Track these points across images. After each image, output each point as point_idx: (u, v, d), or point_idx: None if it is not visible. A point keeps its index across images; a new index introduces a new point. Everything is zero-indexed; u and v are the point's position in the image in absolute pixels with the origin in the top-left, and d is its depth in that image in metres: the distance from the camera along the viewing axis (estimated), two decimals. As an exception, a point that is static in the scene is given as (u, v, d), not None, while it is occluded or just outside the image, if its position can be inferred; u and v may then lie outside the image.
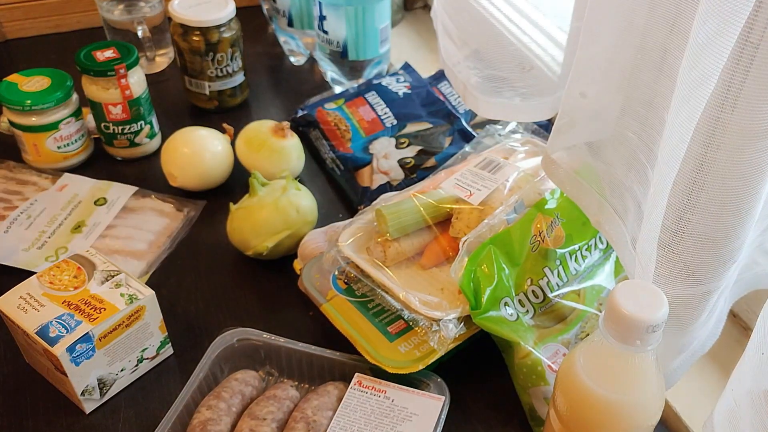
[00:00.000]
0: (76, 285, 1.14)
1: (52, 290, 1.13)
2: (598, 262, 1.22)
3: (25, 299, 1.12)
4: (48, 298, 1.12)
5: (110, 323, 1.10)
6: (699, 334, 1.00)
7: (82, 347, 1.08)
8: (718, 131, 0.81)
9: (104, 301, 1.12)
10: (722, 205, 0.85)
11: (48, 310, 1.11)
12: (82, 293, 1.13)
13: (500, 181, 1.24)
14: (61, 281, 1.15)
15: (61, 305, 1.11)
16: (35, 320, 1.09)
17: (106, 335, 1.10)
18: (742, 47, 0.76)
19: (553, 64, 1.46)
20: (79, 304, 1.11)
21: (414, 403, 1.07)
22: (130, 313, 1.12)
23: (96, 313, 1.10)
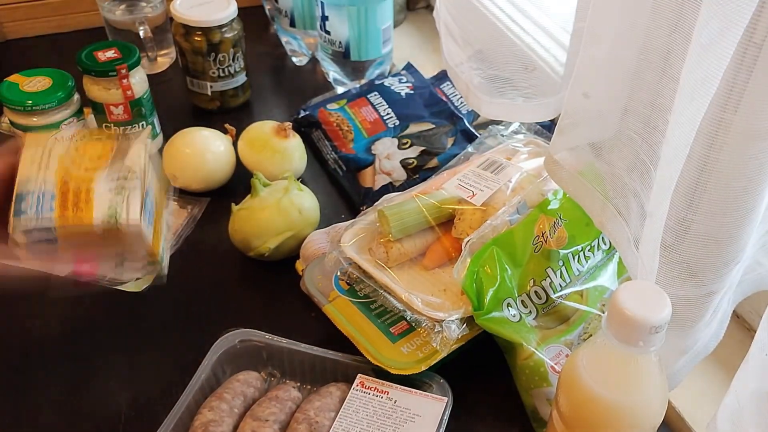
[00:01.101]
0: (89, 166, 1.02)
1: (70, 155, 1.02)
2: (601, 262, 1.22)
3: (45, 151, 1.02)
4: (56, 163, 1.01)
5: (77, 230, 1.00)
6: (702, 335, 1.00)
7: (41, 235, 0.99)
8: (721, 132, 0.81)
9: (90, 202, 0.99)
10: (725, 206, 0.85)
11: (45, 175, 1.00)
12: (84, 179, 1.01)
13: (503, 181, 1.24)
14: (85, 152, 1.04)
15: (57, 179, 1.00)
16: (26, 179, 0.99)
17: (71, 237, 1.00)
18: (745, 48, 0.75)
19: (556, 65, 1.46)
20: (71, 189, 1.00)
21: (416, 404, 1.07)
22: (102, 230, 1.00)
23: (73, 211, 0.99)
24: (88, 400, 1.16)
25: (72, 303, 1.31)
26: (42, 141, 1.00)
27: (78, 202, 0.95)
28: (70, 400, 1.16)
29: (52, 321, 1.28)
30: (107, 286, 1.32)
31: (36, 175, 0.96)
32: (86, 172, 0.98)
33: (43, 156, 0.98)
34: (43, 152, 0.98)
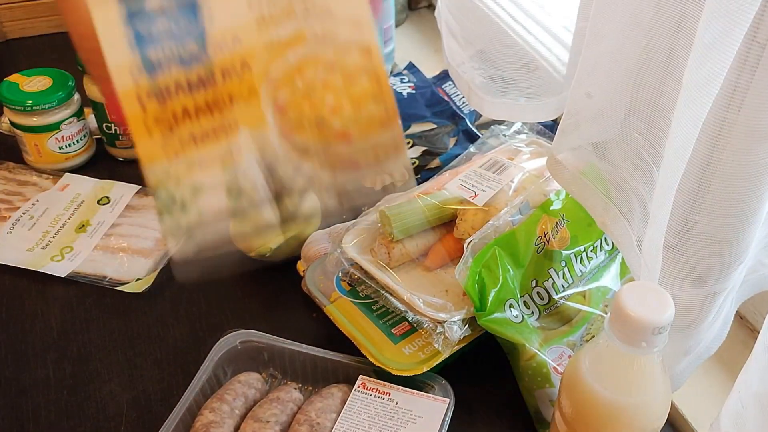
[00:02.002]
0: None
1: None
2: (604, 263, 1.21)
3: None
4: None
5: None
6: (705, 336, 0.99)
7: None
8: (725, 132, 0.81)
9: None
10: (728, 206, 0.85)
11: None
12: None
13: (505, 182, 1.23)
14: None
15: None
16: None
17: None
18: (749, 47, 0.75)
19: (559, 65, 1.46)
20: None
21: (418, 406, 1.07)
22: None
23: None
24: (88, 401, 1.16)
25: (72, 303, 1.31)
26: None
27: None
28: (70, 401, 1.16)
29: (52, 321, 1.27)
30: (108, 286, 1.32)
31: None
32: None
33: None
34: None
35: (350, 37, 0.57)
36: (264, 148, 0.56)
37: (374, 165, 0.57)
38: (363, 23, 0.56)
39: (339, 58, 0.57)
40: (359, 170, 0.57)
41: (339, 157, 0.57)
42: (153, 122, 0.54)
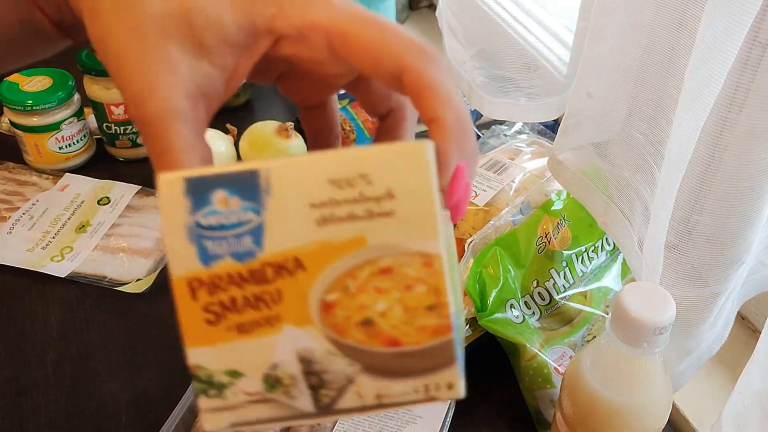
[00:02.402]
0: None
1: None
2: (605, 263, 1.21)
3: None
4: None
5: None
6: (707, 337, 0.99)
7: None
8: (726, 132, 0.81)
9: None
10: (730, 207, 0.85)
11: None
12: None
13: (506, 182, 1.23)
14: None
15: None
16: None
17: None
18: (750, 47, 0.75)
19: (560, 64, 1.45)
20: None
21: (419, 406, 1.06)
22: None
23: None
24: (88, 401, 1.16)
25: (72, 304, 1.31)
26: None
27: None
28: (70, 401, 1.16)
29: (52, 322, 1.27)
30: (108, 286, 1.32)
31: None
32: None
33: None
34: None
35: (413, 246, 0.55)
36: (305, 344, 0.56)
37: (420, 375, 0.57)
38: (428, 231, 0.55)
39: (397, 264, 0.56)
40: (403, 377, 0.56)
41: (382, 362, 0.57)
42: (201, 310, 0.56)
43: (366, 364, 0.56)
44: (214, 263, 0.55)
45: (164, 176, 0.54)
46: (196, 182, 0.54)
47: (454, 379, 0.56)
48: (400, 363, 0.56)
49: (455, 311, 0.57)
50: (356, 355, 0.56)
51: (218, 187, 0.55)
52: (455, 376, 0.56)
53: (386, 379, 0.56)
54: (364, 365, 0.56)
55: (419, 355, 0.56)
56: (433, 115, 0.55)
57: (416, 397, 0.56)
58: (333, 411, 0.57)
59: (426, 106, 0.56)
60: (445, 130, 0.55)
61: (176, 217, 0.55)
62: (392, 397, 0.56)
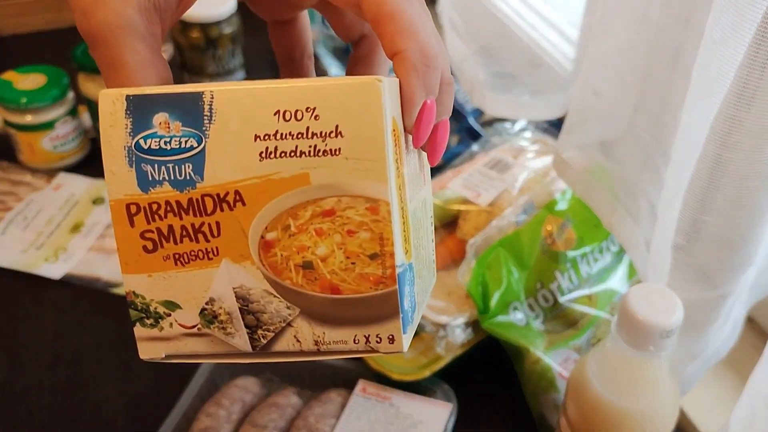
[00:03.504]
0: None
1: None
2: (611, 265, 1.20)
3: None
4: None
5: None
6: (714, 340, 0.99)
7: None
8: (734, 130, 0.80)
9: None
10: (739, 207, 0.84)
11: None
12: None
13: (509, 181, 1.22)
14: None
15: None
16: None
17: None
18: (759, 43, 0.74)
19: (564, 61, 1.45)
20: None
21: (420, 411, 1.06)
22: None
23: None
24: (83, 405, 1.15)
25: (67, 305, 1.30)
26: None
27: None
28: (65, 405, 1.15)
29: (46, 324, 1.26)
30: (102, 288, 1.31)
31: None
32: None
33: None
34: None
35: (358, 187, 0.54)
36: (243, 281, 0.56)
37: (359, 324, 0.55)
38: (377, 173, 0.53)
39: (341, 207, 0.55)
40: (342, 325, 0.55)
41: (321, 308, 0.56)
42: (138, 236, 0.55)
43: (304, 309, 0.56)
44: (153, 190, 0.54)
45: (105, 92, 0.53)
46: (138, 101, 0.53)
47: (396, 332, 0.55)
48: (339, 311, 0.56)
49: (411, 263, 0.57)
50: (294, 298, 0.56)
51: (160, 108, 0.53)
52: (397, 329, 0.55)
53: (325, 325, 0.56)
54: (302, 309, 0.56)
55: (359, 304, 0.56)
56: (395, 48, 0.51)
57: (355, 347, 0.56)
58: (269, 353, 0.57)
59: (386, 37, 0.52)
60: (407, 63, 0.51)
61: (116, 137, 0.54)
62: (330, 345, 0.56)
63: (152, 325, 0.57)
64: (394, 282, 0.55)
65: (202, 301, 0.55)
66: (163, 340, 0.57)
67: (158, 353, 0.58)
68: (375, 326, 0.56)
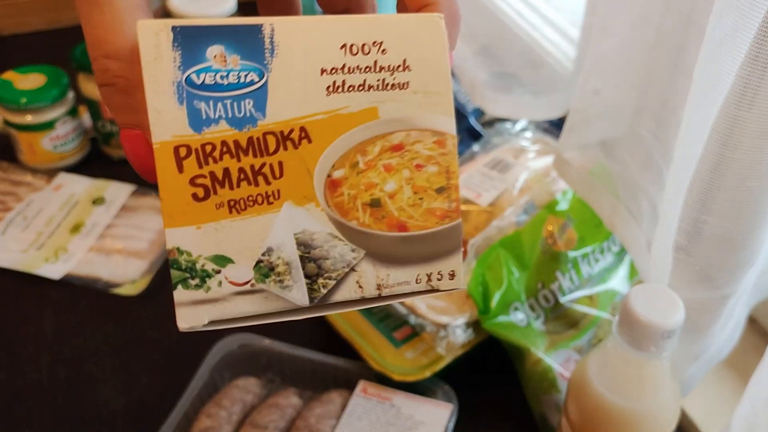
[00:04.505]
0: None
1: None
2: (612, 265, 1.20)
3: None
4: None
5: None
6: (716, 340, 0.99)
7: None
8: (736, 130, 0.79)
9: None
10: (740, 207, 0.84)
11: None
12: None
13: (510, 181, 1.22)
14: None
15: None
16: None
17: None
18: (761, 43, 0.74)
19: (565, 61, 1.45)
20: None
21: (421, 411, 1.05)
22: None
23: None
24: (83, 406, 1.15)
25: (67, 306, 1.30)
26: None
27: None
28: (64, 406, 1.15)
29: (46, 325, 1.26)
30: (102, 288, 1.30)
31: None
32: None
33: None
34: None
35: (426, 120, 0.54)
36: (306, 225, 0.52)
37: (423, 262, 0.53)
38: (443, 107, 0.54)
39: (409, 141, 0.54)
40: (406, 265, 0.53)
41: (387, 247, 0.54)
42: (187, 183, 0.50)
43: (370, 250, 0.54)
44: (207, 129, 0.50)
45: (144, 23, 0.49)
46: (188, 32, 0.50)
47: (457, 267, 0.55)
48: (406, 249, 0.55)
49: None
50: (360, 239, 0.54)
51: (215, 40, 0.50)
52: (458, 264, 0.55)
53: (389, 266, 0.55)
54: (367, 251, 0.54)
55: (425, 240, 0.55)
56: (425, 1, 0.54)
57: (417, 287, 0.55)
58: (328, 305, 0.54)
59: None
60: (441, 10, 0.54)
61: (162, 72, 0.49)
62: (392, 287, 0.55)
63: (197, 285, 0.52)
64: (458, 215, 0.54)
65: (258, 252, 0.52)
66: (208, 302, 0.52)
67: (201, 319, 0.53)
68: (437, 263, 0.55)
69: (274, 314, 0.53)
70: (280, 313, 0.53)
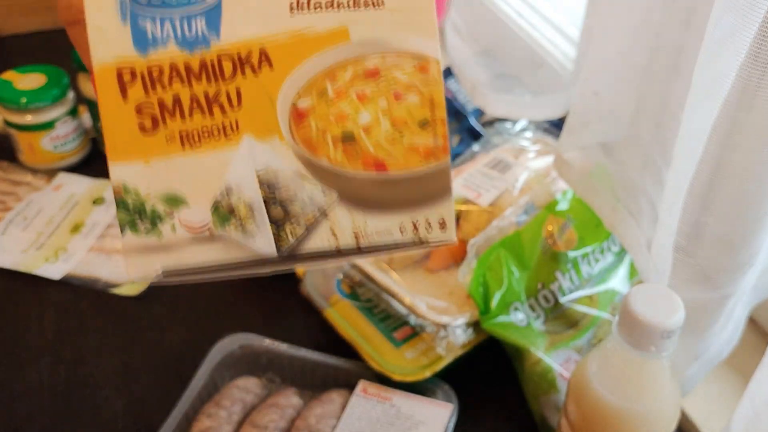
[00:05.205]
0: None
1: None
2: (612, 265, 1.20)
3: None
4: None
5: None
6: (716, 340, 0.99)
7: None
8: (736, 131, 0.80)
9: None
10: (740, 208, 0.84)
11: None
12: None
13: (510, 181, 1.22)
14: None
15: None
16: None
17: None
18: (760, 44, 0.74)
19: (565, 61, 1.45)
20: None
21: (421, 411, 1.05)
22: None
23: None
24: (83, 406, 1.15)
25: (67, 306, 1.30)
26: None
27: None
28: (64, 406, 1.15)
29: (46, 324, 1.26)
30: (102, 288, 1.31)
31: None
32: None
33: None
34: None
35: (405, 42, 0.48)
36: (269, 162, 0.47)
37: (407, 208, 0.48)
38: (425, 27, 0.47)
39: (385, 66, 0.48)
40: (387, 211, 0.48)
41: (364, 190, 0.48)
42: (133, 111, 0.45)
43: (343, 193, 0.49)
44: (154, 50, 0.46)
45: None
46: None
47: (447, 214, 0.50)
48: (385, 192, 0.50)
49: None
50: (332, 179, 0.49)
51: None
52: (449, 211, 0.50)
53: (367, 212, 0.49)
54: (340, 193, 0.49)
55: (407, 182, 0.49)
56: None
57: (401, 238, 0.50)
58: (299, 256, 0.49)
59: None
60: None
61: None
62: (372, 236, 0.49)
63: (148, 230, 0.47)
64: (446, 153, 0.49)
65: (216, 192, 0.47)
66: (160, 250, 0.47)
67: (152, 269, 0.48)
68: (424, 209, 0.49)
69: (237, 266, 0.49)
70: (243, 264, 0.49)
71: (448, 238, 0.49)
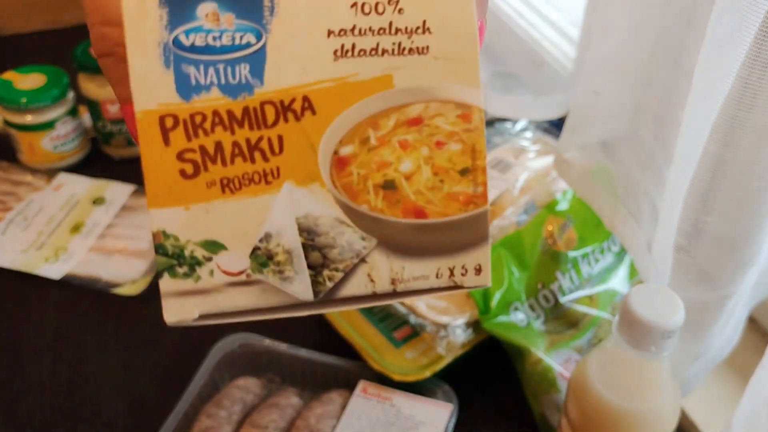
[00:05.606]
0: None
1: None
2: (612, 265, 1.20)
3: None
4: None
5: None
6: (716, 340, 0.99)
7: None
8: (736, 130, 0.80)
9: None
10: (740, 207, 0.84)
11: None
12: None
13: (510, 181, 1.22)
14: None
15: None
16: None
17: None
18: (761, 43, 0.74)
19: (565, 61, 1.44)
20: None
21: (421, 411, 1.05)
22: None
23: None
24: (83, 406, 1.15)
25: (67, 306, 1.30)
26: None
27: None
28: (65, 406, 1.15)
29: (46, 324, 1.26)
30: (102, 288, 1.30)
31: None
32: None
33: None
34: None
35: (449, 91, 0.48)
36: (309, 209, 0.47)
37: (445, 254, 0.48)
38: (469, 75, 0.47)
39: (428, 115, 0.48)
40: (425, 257, 0.48)
41: (403, 236, 0.48)
42: (174, 158, 0.45)
43: (382, 239, 0.49)
44: (197, 97, 0.45)
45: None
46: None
47: (484, 260, 0.50)
48: (423, 238, 0.49)
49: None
50: (371, 225, 0.49)
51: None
52: (485, 257, 0.50)
53: (405, 258, 0.49)
54: (379, 239, 0.49)
55: (446, 228, 0.49)
56: None
57: (437, 283, 0.50)
58: (335, 300, 0.49)
59: None
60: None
61: (147, 31, 0.44)
62: (409, 282, 0.49)
63: (186, 274, 0.47)
64: (485, 201, 0.49)
65: (255, 239, 0.47)
66: (197, 294, 0.47)
67: (190, 313, 0.48)
68: (461, 255, 0.49)
69: (273, 309, 0.49)
70: (279, 309, 0.49)
71: (483, 283, 0.49)
